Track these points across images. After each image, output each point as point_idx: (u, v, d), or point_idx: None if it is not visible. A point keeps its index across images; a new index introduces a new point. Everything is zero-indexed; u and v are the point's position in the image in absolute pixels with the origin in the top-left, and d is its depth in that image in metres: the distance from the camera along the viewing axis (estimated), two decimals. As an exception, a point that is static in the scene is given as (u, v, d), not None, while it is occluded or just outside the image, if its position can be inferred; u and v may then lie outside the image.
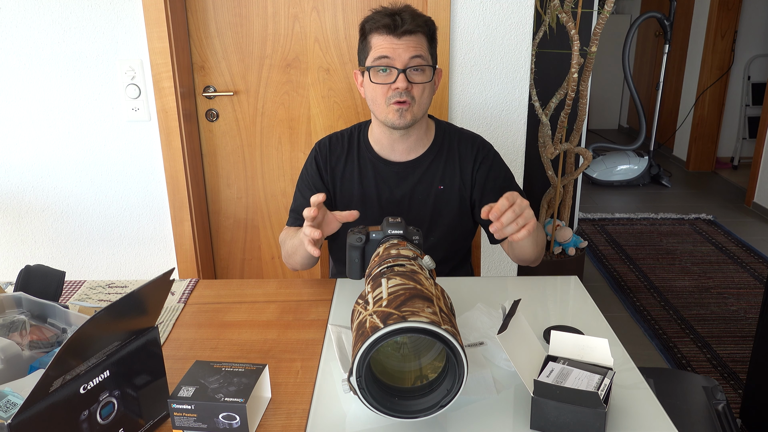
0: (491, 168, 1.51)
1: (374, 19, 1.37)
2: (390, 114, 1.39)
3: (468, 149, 1.52)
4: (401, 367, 0.96)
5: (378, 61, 1.36)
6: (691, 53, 5.14)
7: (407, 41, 1.35)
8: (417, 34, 1.36)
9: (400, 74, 1.35)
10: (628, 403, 0.97)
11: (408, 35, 1.35)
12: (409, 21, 1.34)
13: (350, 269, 1.28)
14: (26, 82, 2.07)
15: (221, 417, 0.87)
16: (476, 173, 1.51)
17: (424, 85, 1.38)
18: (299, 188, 1.58)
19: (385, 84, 1.37)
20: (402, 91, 1.35)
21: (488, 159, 1.51)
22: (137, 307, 0.87)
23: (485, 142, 1.55)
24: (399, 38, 1.35)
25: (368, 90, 1.41)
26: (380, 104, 1.40)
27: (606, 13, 2.34)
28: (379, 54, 1.36)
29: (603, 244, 3.72)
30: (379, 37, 1.36)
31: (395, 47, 1.35)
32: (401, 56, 1.35)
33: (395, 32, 1.34)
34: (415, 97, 1.38)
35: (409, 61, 1.35)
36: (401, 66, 1.35)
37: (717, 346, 2.60)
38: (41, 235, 2.26)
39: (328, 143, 1.55)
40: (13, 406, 0.83)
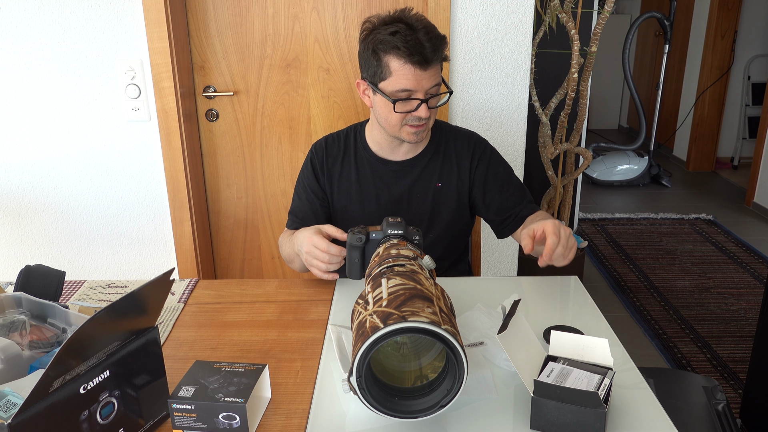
0: (489, 165, 1.51)
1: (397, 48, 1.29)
2: (404, 134, 1.40)
3: (464, 147, 1.52)
4: (401, 367, 0.96)
5: (402, 93, 1.33)
6: (691, 53, 5.13)
7: (431, 73, 1.32)
8: (441, 55, 1.33)
9: (422, 104, 1.33)
10: (628, 403, 0.97)
11: (434, 66, 1.32)
12: (437, 49, 1.31)
13: (350, 269, 1.28)
14: (26, 82, 2.07)
15: (221, 417, 0.87)
16: (475, 172, 1.51)
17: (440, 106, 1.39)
18: (297, 191, 1.58)
19: (407, 112, 1.36)
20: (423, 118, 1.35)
21: (485, 156, 1.52)
22: (137, 307, 0.87)
23: (481, 139, 1.55)
24: (424, 71, 1.31)
25: (381, 109, 1.38)
26: (395, 125, 1.39)
27: (606, 13, 2.34)
28: (403, 86, 1.32)
29: (603, 244, 3.72)
30: (401, 66, 1.30)
31: (420, 80, 1.31)
32: (424, 87, 1.32)
33: (422, 66, 1.30)
34: (431, 116, 1.39)
35: (430, 90, 1.34)
36: (423, 96, 1.33)
37: (717, 346, 2.60)
38: (41, 235, 2.26)
39: (324, 144, 1.55)
40: (13, 406, 0.83)
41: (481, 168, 1.51)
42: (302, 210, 1.55)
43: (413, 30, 1.30)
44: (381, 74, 1.34)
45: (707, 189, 4.75)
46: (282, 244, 1.52)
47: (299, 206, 1.56)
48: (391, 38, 1.30)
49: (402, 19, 1.32)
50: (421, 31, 1.30)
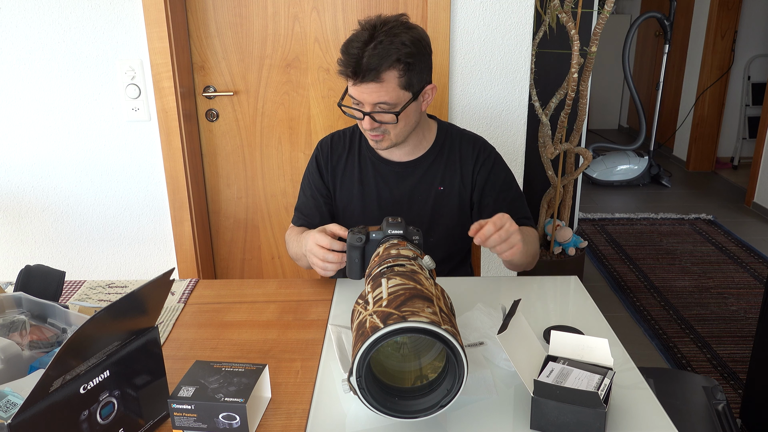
0: (491, 171, 1.50)
1: (343, 53, 1.31)
2: (368, 140, 1.43)
3: (469, 150, 1.51)
4: (401, 367, 0.96)
5: (348, 99, 1.37)
6: (691, 53, 5.13)
7: (369, 88, 1.31)
8: (383, 76, 1.29)
9: (366, 116, 1.35)
10: (628, 403, 0.97)
11: (371, 82, 1.30)
12: (373, 67, 1.27)
13: (350, 269, 1.28)
14: (26, 82, 2.07)
15: (221, 417, 0.87)
16: (477, 175, 1.51)
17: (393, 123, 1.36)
18: (302, 187, 1.60)
19: (354, 118, 1.40)
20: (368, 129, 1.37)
21: (489, 161, 1.51)
22: (137, 307, 0.87)
23: (487, 144, 1.54)
24: (361, 84, 1.31)
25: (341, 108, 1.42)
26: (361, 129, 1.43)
27: (606, 13, 2.34)
28: (350, 93, 1.36)
29: (603, 244, 3.72)
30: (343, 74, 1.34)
31: (360, 92, 1.33)
32: (366, 100, 1.33)
33: (356, 79, 1.30)
34: (388, 129, 1.38)
35: (373, 106, 1.33)
36: (367, 109, 1.34)
37: (717, 346, 2.60)
38: (41, 235, 2.26)
39: (329, 142, 1.56)
40: (13, 406, 0.83)
41: (482, 172, 1.50)
42: (307, 206, 1.56)
43: (361, 42, 1.28)
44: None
45: (707, 189, 4.75)
46: (288, 241, 1.54)
47: (304, 203, 1.57)
48: (346, 43, 1.32)
49: (369, 28, 1.30)
50: (373, 47, 1.27)
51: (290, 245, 1.52)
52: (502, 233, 1.19)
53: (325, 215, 1.55)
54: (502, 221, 1.20)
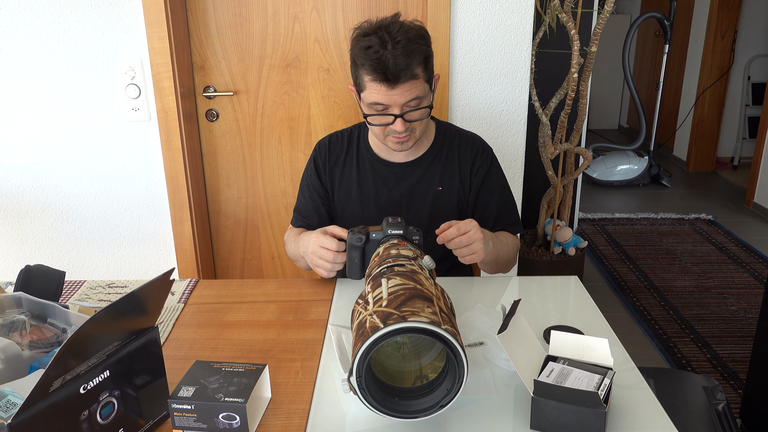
0: (487, 175, 1.51)
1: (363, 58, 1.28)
2: (389, 143, 1.40)
3: (467, 151, 1.51)
4: (401, 367, 0.96)
5: (374, 107, 1.32)
6: (691, 53, 5.13)
7: (403, 89, 1.28)
8: (415, 72, 1.28)
9: (397, 119, 1.31)
10: (628, 403, 0.97)
11: (405, 82, 1.27)
12: (404, 67, 1.25)
13: (350, 269, 1.28)
14: (26, 82, 2.07)
15: (221, 417, 0.87)
16: (474, 177, 1.51)
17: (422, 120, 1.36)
18: (301, 188, 1.60)
19: (383, 125, 1.35)
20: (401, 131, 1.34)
21: (486, 164, 1.51)
22: (137, 307, 0.87)
23: (485, 146, 1.54)
24: (393, 89, 1.28)
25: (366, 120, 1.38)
26: (379, 135, 1.39)
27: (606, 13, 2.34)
28: (374, 100, 1.31)
29: (603, 244, 3.72)
30: (371, 82, 1.29)
31: (390, 96, 1.29)
32: (397, 102, 1.30)
33: (389, 84, 1.27)
34: (416, 128, 1.37)
35: (402, 107, 1.31)
36: (398, 111, 1.31)
37: (717, 346, 2.60)
38: (41, 235, 2.26)
39: (327, 143, 1.56)
40: (13, 406, 0.83)
41: (479, 175, 1.51)
42: (306, 208, 1.56)
43: (384, 46, 1.26)
44: (359, 85, 1.34)
45: (707, 189, 4.75)
46: (287, 241, 1.54)
47: (303, 204, 1.58)
48: (363, 53, 1.28)
49: (380, 31, 1.28)
50: (393, 48, 1.25)
51: (289, 246, 1.52)
52: (463, 239, 1.23)
53: (323, 216, 1.56)
54: (467, 227, 1.23)
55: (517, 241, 1.53)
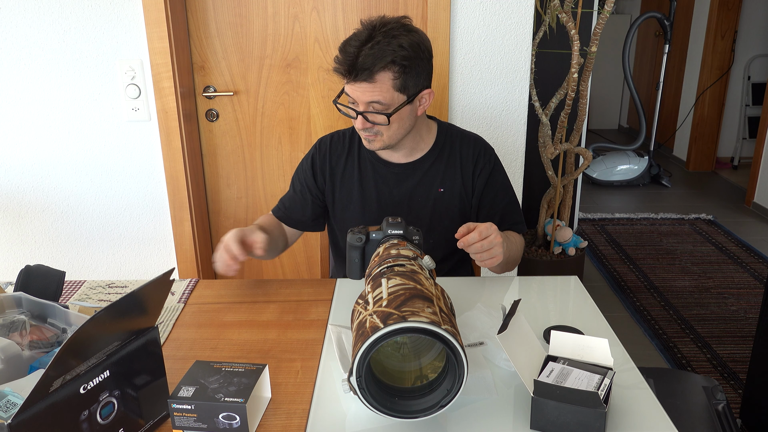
0: (491, 175, 1.51)
1: (340, 52, 1.31)
2: (363, 139, 1.42)
3: (470, 152, 1.51)
4: (401, 367, 0.96)
5: (343, 98, 1.36)
6: (691, 53, 5.14)
7: (362, 87, 1.30)
8: (376, 76, 1.28)
9: (358, 116, 1.34)
10: (628, 403, 0.97)
11: (364, 81, 1.29)
12: (367, 66, 1.27)
13: (350, 269, 1.28)
14: (26, 82, 2.07)
15: (221, 417, 0.87)
16: (477, 179, 1.50)
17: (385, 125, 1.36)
18: (293, 181, 1.59)
19: (348, 117, 1.39)
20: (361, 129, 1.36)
21: (489, 165, 1.51)
22: (137, 307, 0.87)
23: (487, 147, 1.54)
24: (355, 83, 1.30)
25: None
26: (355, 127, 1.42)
27: (606, 13, 2.34)
28: (345, 91, 1.35)
29: (603, 244, 3.72)
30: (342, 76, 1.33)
31: (354, 90, 1.32)
32: (360, 99, 1.32)
33: (350, 77, 1.30)
34: (381, 131, 1.37)
35: (366, 105, 1.33)
36: (361, 108, 1.34)
37: (717, 346, 2.60)
38: (41, 235, 2.26)
39: (329, 142, 1.55)
40: (13, 406, 0.83)
41: (483, 176, 1.50)
42: (292, 201, 1.57)
43: (359, 42, 1.28)
44: None
45: (707, 189, 4.75)
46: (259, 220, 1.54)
47: (291, 197, 1.58)
48: (342, 46, 1.31)
49: (369, 28, 1.30)
50: (371, 47, 1.27)
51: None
52: (485, 243, 1.21)
53: (308, 214, 1.55)
54: (488, 231, 1.21)
55: (522, 239, 1.53)
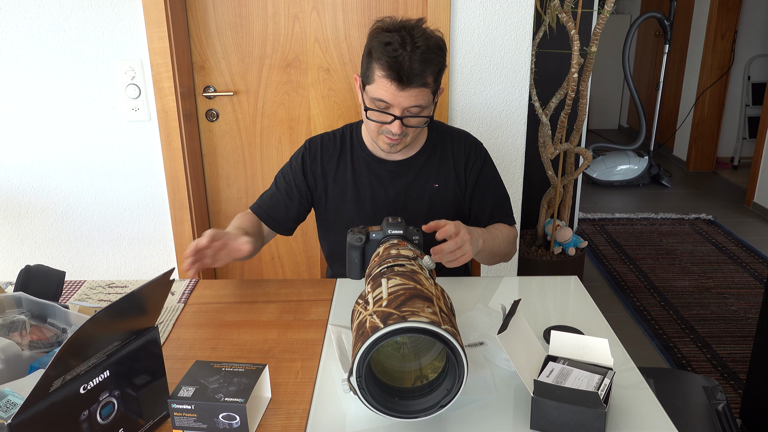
0: (481, 170, 1.53)
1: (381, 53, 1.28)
2: (380, 142, 1.40)
3: (460, 147, 1.53)
4: (401, 367, 0.96)
5: (377, 103, 1.33)
6: (691, 53, 5.13)
7: (409, 94, 1.29)
8: (427, 80, 1.30)
9: (395, 120, 1.32)
10: (628, 403, 0.97)
11: (415, 87, 1.29)
12: (418, 73, 1.27)
13: (350, 269, 1.28)
14: (26, 82, 2.07)
15: (221, 417, 0.87)
16: (469, 173, 1.52)
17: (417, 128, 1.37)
18: (276, 179, 1.56)
19: (380, 122, 1.35)
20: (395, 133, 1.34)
21: (480, 160, 1.53)
22: (137, 307, 0.87)
23: (477, 142, 1.56)
24: (402, 90, 1.29)
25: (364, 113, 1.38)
26: (373, 131, 1.39)
27: (606, 13, 2.34)
28: (378, 96, 1.31)
29: (603, 244, 3.72)
30: (382, 78, 1.29)
31: (395, 97, 1.29)
32: (401, 104, 1.31)
33: (399, 85, 1.28)
34: (408, 133, 1.37)
35: (407, 109, 1.32)
36: (398, 113, 1.32)
37: (717, 346, 2.60)
38: (41, 235, 2.25)
39: (319, 142, 1.54)
40: (13, 406, 0.83)
41: (474, 171, 1.52)
42: (275, 199, 1.52)
43: (404, 47, 1.26)
44: (368, 77, 1.33)
45: (707, 189, 4.75)
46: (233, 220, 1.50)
47: (273, 195, 1.54)
48: (382, 48, 1.28)
49: (403, 31, 1.29)
50: (412, 51, 1.26)
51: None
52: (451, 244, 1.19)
53: (291, 213, 1.53)
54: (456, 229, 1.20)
55: (513, 231, 1.54)
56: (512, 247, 1.52)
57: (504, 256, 1.49)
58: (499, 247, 1.44)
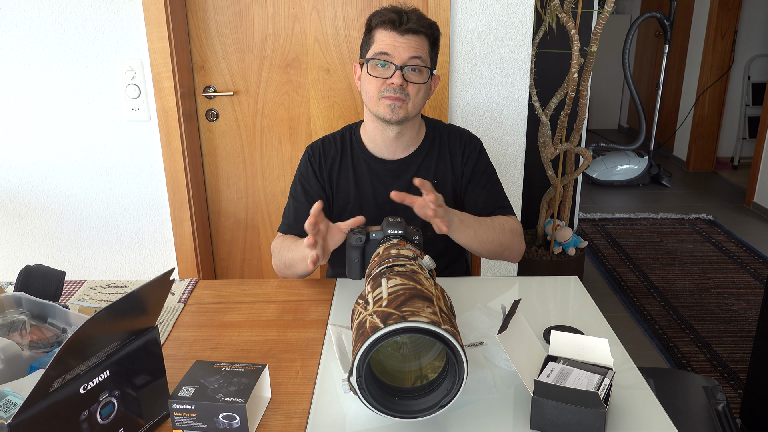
0: (477, 161, 1.54)
1: (381, 14, 1.39)
2: (381, 108, 1.40)
3: (457, 144, 1.54)
4: (401, 367, 0.96)
5: (378, 56, 1.38)
6: (691, 53, 5.14)
7: (409, 40, 1.37)
8: (420, 35, 1.38)
9: (397, 71, 1.36)
10: (628, 403, 0.97)
11: (411, 34, 1.37)
12: (415, 20, 1.37)
13: (350, 269, 1.28)
14: (26, 82, 2.07)
15: (221, 417, 0.87)
16: (464, 167, 1.53)
17: (419, 85, 1.40)
18: (293, 193, 1.55)
19: (381, 78, 1.39)
20: (397, 87, 1.37)
21: (475, 152, 1.54)
22: (137, 307, 0.87)
23: (473, 136, 1.57)
24: (402, 35, 1.37)
25: (364, 82, 1.43)
26: (373, 97, 1.40)
27: (606, 13, 2.34)
28: (380, 49, 1.38)
29: (603, 244, 3.72)
30: (383, 32, 1.38)
31: (397, 44, 1.37)
32: (401, 54, 1.37)
33: (399, 28, 1.36)
34: (410, 94, 1.39)
35: (408, 60, 1.37)
36: (399, 63, 1.37)
37: (717, 346, 2.60)
38: (41, 235, 2.26)
39: (320, 145, 1.55)
40: (13, 406, 0.83)
41: (469, 163, 1.53)
42: (299, 212, 1.50)
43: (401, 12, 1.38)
44: (368, 45, 1.42)
45: (707, 189, 4.75)
46: (278, 250, 1.47)
47: (296, 207, 1.52)
48: (380, 12, 1.40)
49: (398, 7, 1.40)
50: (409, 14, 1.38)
51: (282, 253, 1.45)
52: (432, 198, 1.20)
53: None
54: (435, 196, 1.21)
55: (512, 222, 1.48)
56: (513, 238, 1.46)
57: (502, 246, 1.43)
58: (489, 235, 1.39)
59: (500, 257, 1.46)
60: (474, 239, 1.36)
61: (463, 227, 1.32)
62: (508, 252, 1.46)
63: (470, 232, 1.34)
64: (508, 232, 1.45)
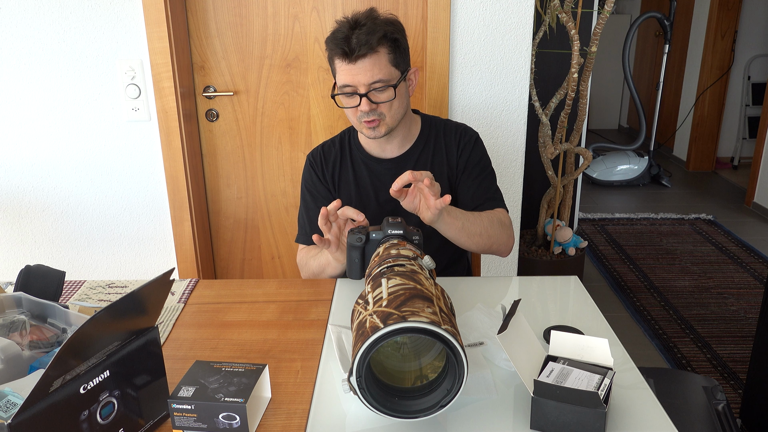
0: (471, 152, 1.53)
1: (332, 41, 1.36)
2: (364, 130, 1.43)
3: (452, 137, 1.54)
4: (401, 367, 0.96)
5: (342, 89, 1.39)
6: (691, 53, 5.13)
7: (364, 66, 1.34)
8: (373, 54, 1.34)
9: (362, 98, 1.36)
10: (628, 403, 0.97)
11: (363, 59, 1.34)
12: (364, 43, 1.32)
13: (350, 269, 1.28)
14: (26, 82, 2.07)
15: (221, 417, 0.87)
16: (459, 159, 1.54)
17: (390, 101, 1.39)
18: (303, 203, 1.58)
19: (352, 107, 1.40)
20: (368, 111, 1.37)
21: (470, 144, 1.54)
22: (137, 307, 0.87)
23: (468, 129, 1.57)
24: (354, 64, 1.34)
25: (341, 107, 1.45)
26: (354, 122, 1.44)
27: (606, 13, 2.34)
28: (342, 82, 1.38)
29: (603, 244, 3.72)
30: (339, 63, 1.37)
31: (354, 74, 1.35)
32: (360, 81, 1.36)
33: (350, 58, 1.34)
34: (384, 112, 1.40)
35: (369, 85, 1.36)
36: (363, 90, 1.36)
37: (717, 346, 2.60)
38: (41, 235, 2.26)
39: (321, 151, 1.57)
40: (13, 406, 0.83)
41: (464, 155, 1.53)
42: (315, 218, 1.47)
43: (346, 26, 1.34)
44: (334, 73, 1.42)
45: (707, 189, 4.75)
46: (305, 262, 1.50)
47: (312, 215, 1.55)
48: (332, 37, 1.37)
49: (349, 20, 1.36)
50: (354, 26, 1.34)
51: (309, 264, 1.48)
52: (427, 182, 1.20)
53: None
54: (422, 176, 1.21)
55: (500, 214, 1.46)
56: (502, 231, 1.44)
57: (491, 239, 1.41)
58: (476, 227, 1.37)
59: (489, 251, 1.45)
60: (462, 231, 1.34)
61: (450, 219, 1.30)
62: (497, 245, 1.44)
63: (458, 224, 1.33)
64: (496, 224, 1.43)
